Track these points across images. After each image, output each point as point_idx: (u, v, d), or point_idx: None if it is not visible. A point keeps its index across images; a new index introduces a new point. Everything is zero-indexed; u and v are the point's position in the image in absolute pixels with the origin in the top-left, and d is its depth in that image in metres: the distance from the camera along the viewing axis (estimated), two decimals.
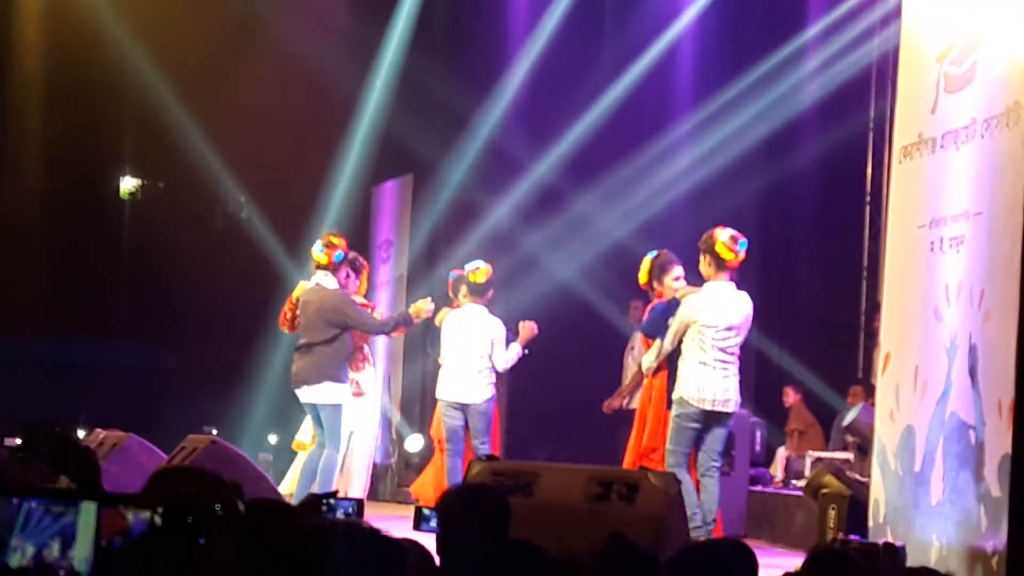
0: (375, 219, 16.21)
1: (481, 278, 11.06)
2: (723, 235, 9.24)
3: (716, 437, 9.30)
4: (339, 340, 10.52)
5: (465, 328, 11.10)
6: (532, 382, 13.89)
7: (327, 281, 10.60)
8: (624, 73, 15.18)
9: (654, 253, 10.21)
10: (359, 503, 5.67)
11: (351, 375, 10.70)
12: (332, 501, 5.43)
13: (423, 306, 10.60)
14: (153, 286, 16.35)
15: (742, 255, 9.25)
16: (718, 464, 9.31)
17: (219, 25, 15.17)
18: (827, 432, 13.89)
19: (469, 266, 11.14)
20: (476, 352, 11.01)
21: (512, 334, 11.04)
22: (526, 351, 11.08)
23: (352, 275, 10.85)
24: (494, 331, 11.04)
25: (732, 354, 9.27)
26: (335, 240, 10.66)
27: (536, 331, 11.00)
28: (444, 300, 13.95)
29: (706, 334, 9.17)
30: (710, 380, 9.20)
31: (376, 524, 3.78)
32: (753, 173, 15.09)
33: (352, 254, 10.88)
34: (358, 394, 10.79)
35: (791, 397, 14.43)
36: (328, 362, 10.54)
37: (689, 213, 14.91)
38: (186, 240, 16.10)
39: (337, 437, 10.53)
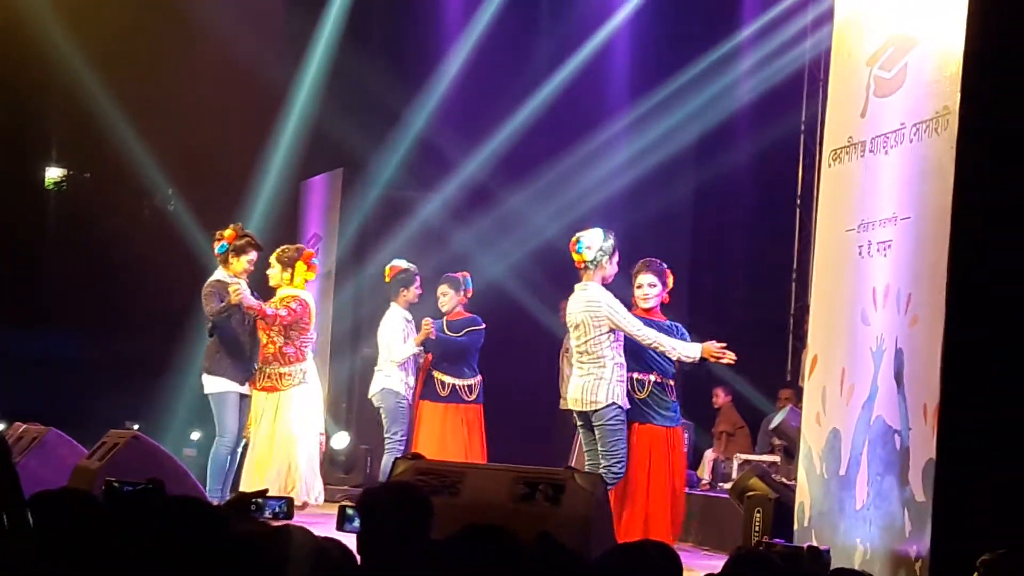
0: (304, 213, 16.10)
1: (387, 277, 11.27)
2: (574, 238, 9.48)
3: (593, 439, 9.35)
4: (215, 331, 10.73)
5: (380, 327, 11.49)
6: None
7: (218, 273, 10.95)
8: (557, 71, 15.15)
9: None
10: (288, 502, 5.58)
11: (296, 365, 10.69)
12: (260, 500, 5.34)
13: (235, 289, 10.63)
14: (77, 277, 16.17)
15: (580, 255, 9.59)
16: (602, 467, 9.27)
17: (149, 15, 15.03)
18: (755, 435, 13.91)
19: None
20: (382, 350, 11.40)
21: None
22: (420, 348, 11.17)
23: (242, 264, 10.96)
24: (389, 328, 11.39)
25: (585, 352, 9.34)
26: (222, 232, 10.96)
27: (433, 333, 11.07)
28: (376, 296, 13.94)
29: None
30: (571, 380, 9.54)
31: (302, 523, 3.73)
32: (686, 173, 15.10)
33: (296, 248, 11.01)
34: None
35: (720, 398, 14.42)
36: (205, 353, 10.93)
37: (621, 212, 14.89)
38: (112, 231, 15.93)
39: (222, 427, 10.71)
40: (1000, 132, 6.83)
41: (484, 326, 11.37)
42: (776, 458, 12.11)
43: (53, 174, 17.33)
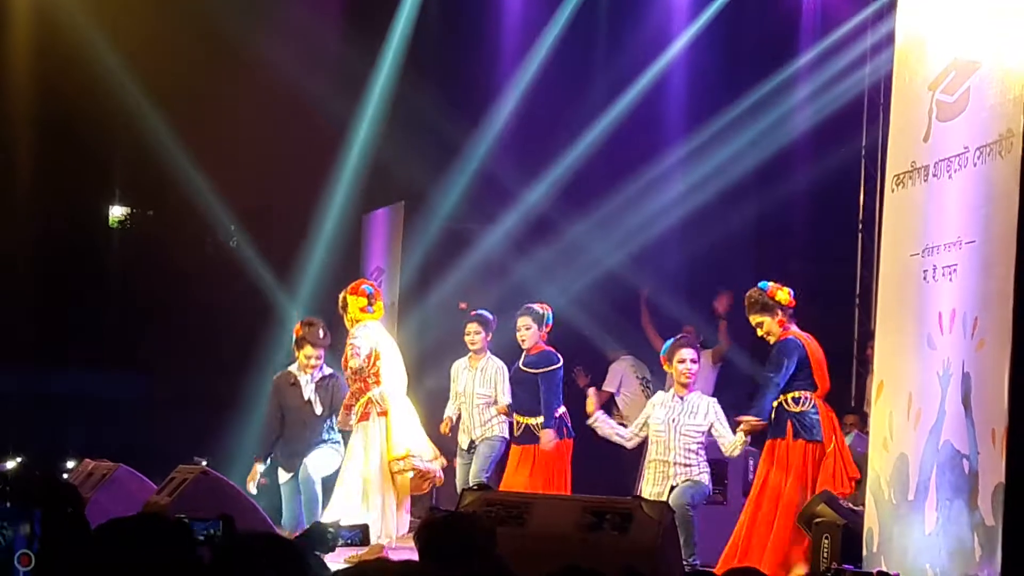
0: (366, 247, 16.17)
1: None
2: None
3: None
4: None
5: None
6: None
7: (294, 365, 11.48)
8: (616, 100, 15.16)
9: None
10: (363, 529, 5.59)
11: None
12: (333, 530, 5.36)
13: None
14: (143, 315, 16.30)
15: None
16: None
17: (210, 53, 15.14)
18: None
19: None
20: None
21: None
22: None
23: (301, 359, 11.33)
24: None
25: None
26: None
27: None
28: (439, 328, 13.99)
29: None
30: None
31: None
32: (746, 201, 15.07)
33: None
34: None
35: None
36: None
37: (682, 241, 14.89)
38: (175, 268, 16.05)
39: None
40: None
41: (560, 363, 11.33)
42: None
43: (117, 212, 17.48)
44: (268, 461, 11.21)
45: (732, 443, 10.15)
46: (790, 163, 14.89)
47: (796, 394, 9.72)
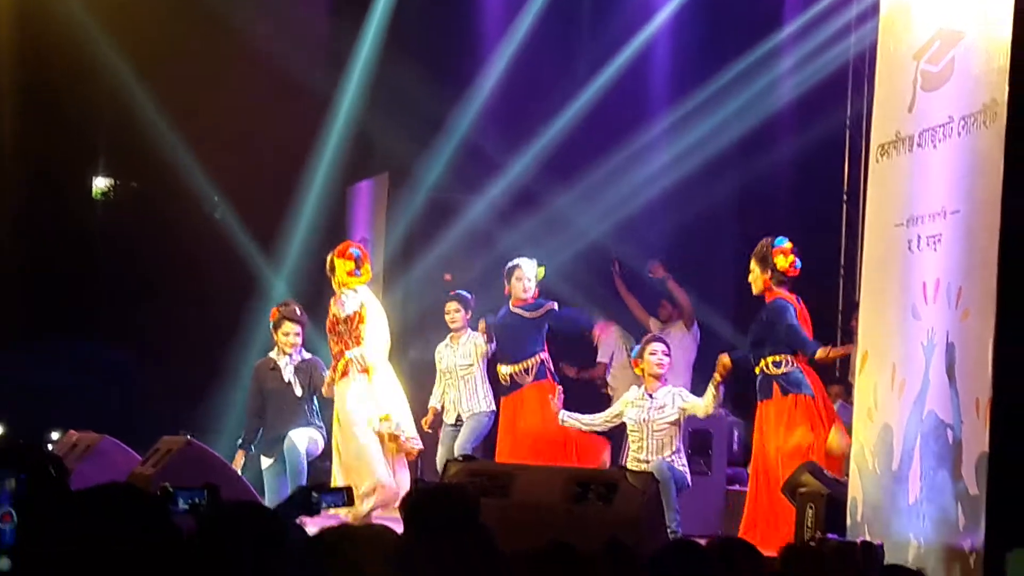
0: (351, 218, 16.15)
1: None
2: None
3: None
4: None
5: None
6: None
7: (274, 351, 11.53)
8: (600, 72, 15.13)
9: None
10: (348, 491, 5.55)
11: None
12: (316, 495, 5.33)
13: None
14: (126, 286, 16.24)
15: None
16: None
17: (193, 25, 15.08)
18: None
19: None
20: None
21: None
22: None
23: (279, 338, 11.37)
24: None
25: None
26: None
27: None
28: (423, 299, 13.99)
29: None
30: None
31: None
32: (731, 172, 15.06)
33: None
34: None
35: None
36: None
37: (666, 212, 14.88)
38: (159, 240, 16.00)
39: None
40: None
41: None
42: None
43: (100, 184, 17.41)
44: (252, 449, 11.20)
45: (704, 403, 10.24)
46: (774, 134, 14.88)
47: (777, 358, 9.80)
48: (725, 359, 10.25)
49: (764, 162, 14.91)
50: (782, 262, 10.00)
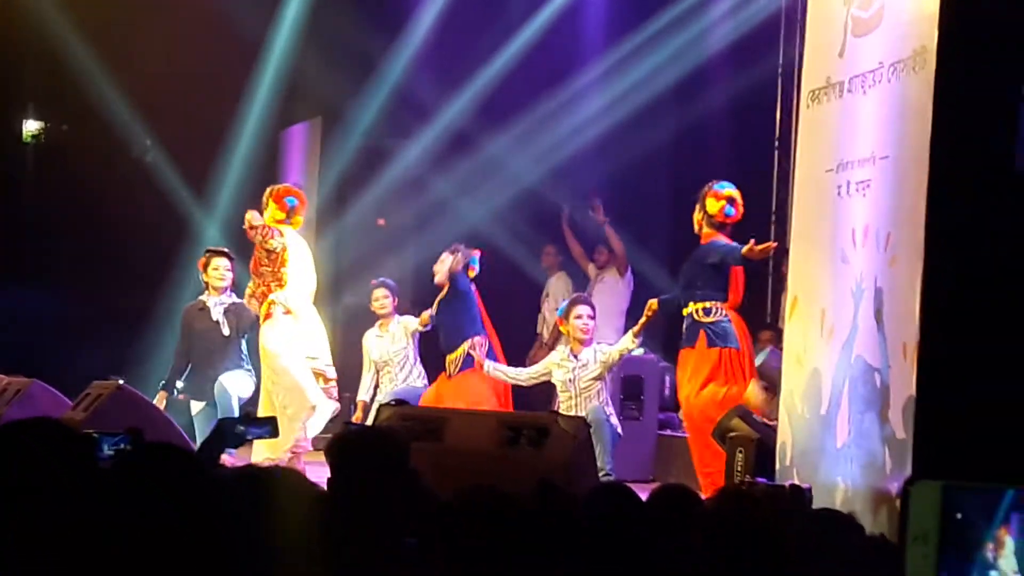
0: (284, 162, 16.06)
1: None
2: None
3: None
4: None
5: None
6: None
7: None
8: (534, 16, 15.08)
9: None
10: (272, 422, 5.54)
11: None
12: (242, 428, 5.33)
13: None
14: (57, 230, 16.11)
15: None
16: None
17: None
18: None
19: None
20: None
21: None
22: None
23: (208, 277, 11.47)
24: None
25: None
26: None
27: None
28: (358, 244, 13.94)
29: None
30: None
31: None
32: (665, 117, 15.06)
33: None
34: None
35: None
36: None
37: (600, 157, 14.89)
38: (91, 183, 15.84)
39: None
40: (977, 70, 6.84)
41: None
42: None
43: (30, 127, 17.22)
44: (174, 392, 11.16)
45: (619, 347, 10.31)
46: (709, 80, 14.89)
47: (707, 304, 9.84)
48: (653, 303, 10.30)
49: (698, 108, 14.92)
50: (712, 206, 10.02)
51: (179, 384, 11.16)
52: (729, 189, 10.05)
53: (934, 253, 6.74)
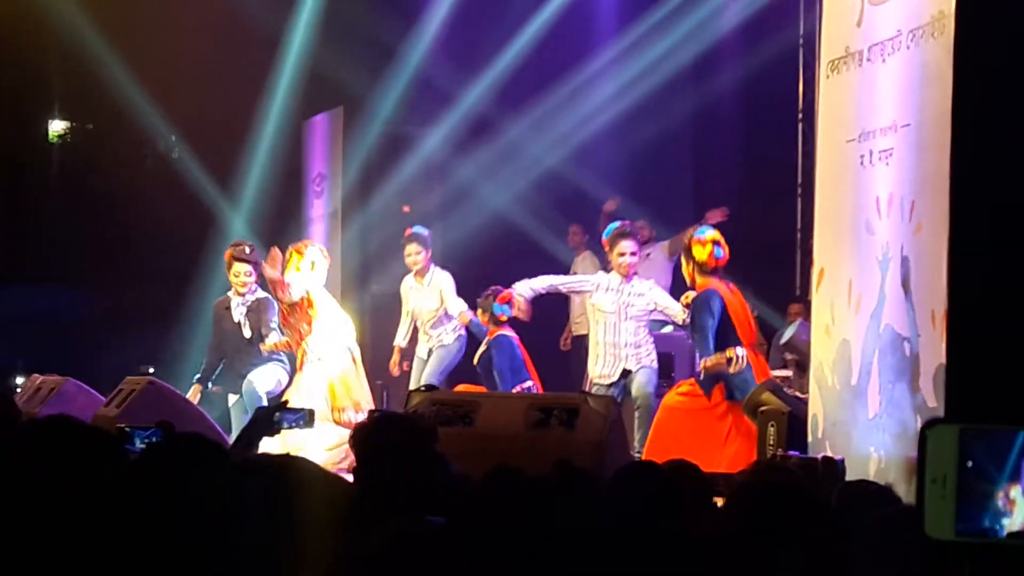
0: (307, 153, 16.09)
1: None
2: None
3: None
4: None
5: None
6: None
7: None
8: None
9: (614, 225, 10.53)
10: (309, 413, 5.58)
11: None
12: (278, 415, 5.37)
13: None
14: (85, 229, 16.19)
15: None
16: None
17: None
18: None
19: None
20: None
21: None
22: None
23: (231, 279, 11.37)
24: None
25: None
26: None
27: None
28: (383, 232, 13.93)
29: None
30: None
31: None
32: (685, 95, 15.04)
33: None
34: None
35: None
36: None
37: (620, 137, 14.87)
38: (117, 181, 15.93)
39: None
40: (997, 33, 6.80)
41: None
42: (788, 372, 12.12)
43: (56, 127, 17.31)
44: (209, 386, 11.20)
45: (679, 312, 10.19)
46: (728, 55, 14.85)
47: (727, 354, 9.46)
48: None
49: (718, 83, 14.89)
50: (699, 253, 9.65)
51: (200, 389, 11.19)
52: (710, 232, 9.74)
53: (959, 220, 6.71)
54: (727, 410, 9.36)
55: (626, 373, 10.23)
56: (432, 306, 11.52)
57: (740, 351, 9.26)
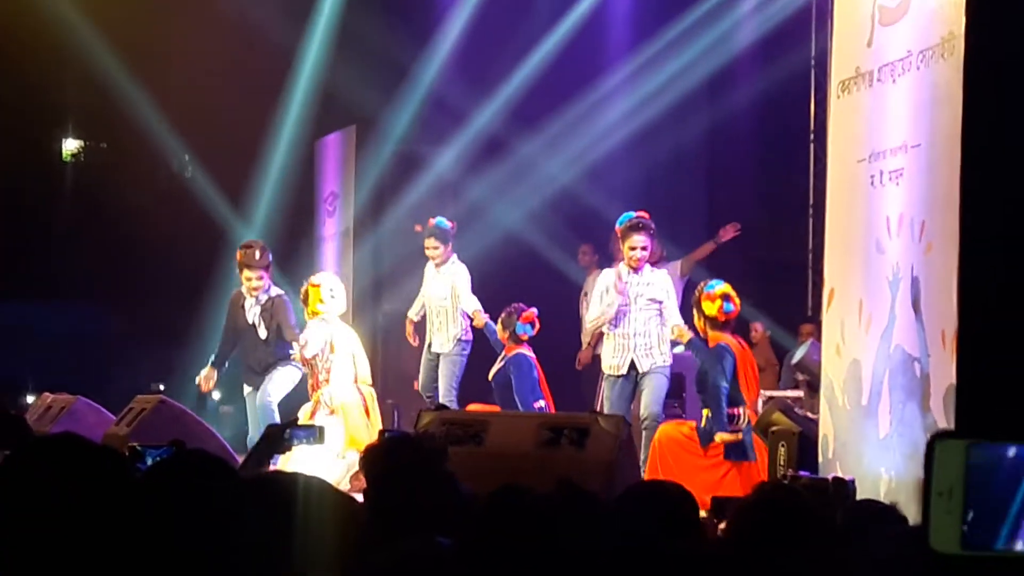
0: (320, 172, 16.12)
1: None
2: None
3: None
4: None
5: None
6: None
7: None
8: (563, 17, 15.09)
9: (629, 215, 10.39)
10: (319, 429, 5.62)
11: None
12: (288, 432, 5.41)
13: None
14: (98, 248, 16.23)
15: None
16: None
17: None
18: (779, 371, 13.89)
19: None
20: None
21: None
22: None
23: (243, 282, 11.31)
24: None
25: None
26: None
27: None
28: (395, 251, 13.94)
29: None
30: None
31: None
32: (698, 114, 15.06)
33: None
34: None
35: (758, 333, 14.21)
36: None
37: (633, 156, 14.88)
38: (130, 200, 15.97)
39: None
40: (1007, 54, 6.80)
41: None
42: (800, 393, 12.12)
43: (70, 146, 17.37)
44: (224, 367, 11.23)
45: (677, 327, 10.12)
46: (741, 74, 14.87)
47: (730, 412, 9.52)
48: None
49: (730, 103, 14.90)
50: (709, 308, 9.69)
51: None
52: (720, 287, 9.77)
53: (969, 240, 6.70)
54: (722, 462, 9.42)
55: (634, 367, 10.18)
56: (441, 295, 11.46)
57: (742, 410, 9.41)
